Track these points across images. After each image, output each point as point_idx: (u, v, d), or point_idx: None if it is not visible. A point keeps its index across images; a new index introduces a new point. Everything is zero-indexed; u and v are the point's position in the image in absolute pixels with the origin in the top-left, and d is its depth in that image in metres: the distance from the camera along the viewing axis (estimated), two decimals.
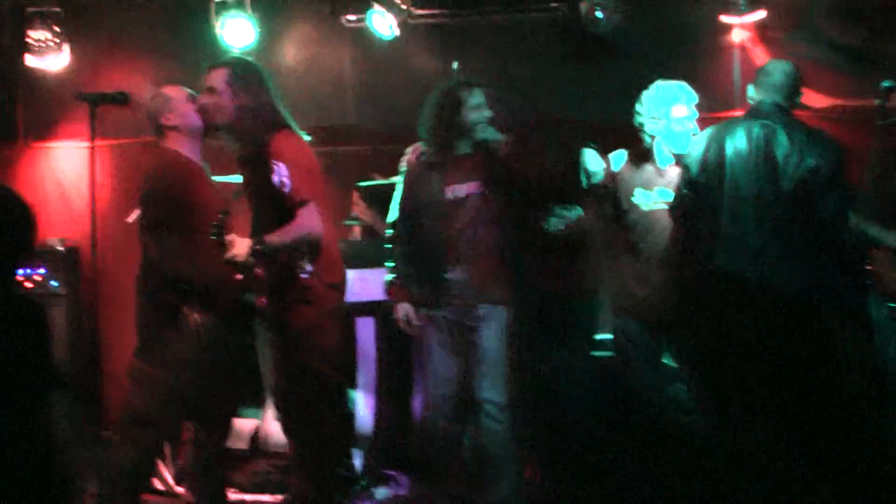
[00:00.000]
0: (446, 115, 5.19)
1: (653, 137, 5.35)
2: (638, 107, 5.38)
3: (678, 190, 5.07)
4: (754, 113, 5.00)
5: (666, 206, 5.24)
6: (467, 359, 5.19)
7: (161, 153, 5.03)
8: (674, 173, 5.26)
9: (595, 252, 5.45)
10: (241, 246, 4.62)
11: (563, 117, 6.24)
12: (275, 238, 4.72)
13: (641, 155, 5.42)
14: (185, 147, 5.03)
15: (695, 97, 5.34)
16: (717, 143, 4.91)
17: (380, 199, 5.82)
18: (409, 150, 5.51)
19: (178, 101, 5.03)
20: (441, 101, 5.22)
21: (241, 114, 4.83)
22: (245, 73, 4.91)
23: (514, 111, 5.34)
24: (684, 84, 5.36)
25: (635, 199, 5.36)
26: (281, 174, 4.75)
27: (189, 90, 5.08)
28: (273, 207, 4.80)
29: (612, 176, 5.42)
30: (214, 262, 4.74)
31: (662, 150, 5.35)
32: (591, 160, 5.40)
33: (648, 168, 5.39)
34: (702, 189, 4.91)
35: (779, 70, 5.08)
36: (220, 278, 4.92)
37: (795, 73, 5.07)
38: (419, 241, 5.27)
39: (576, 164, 5.34)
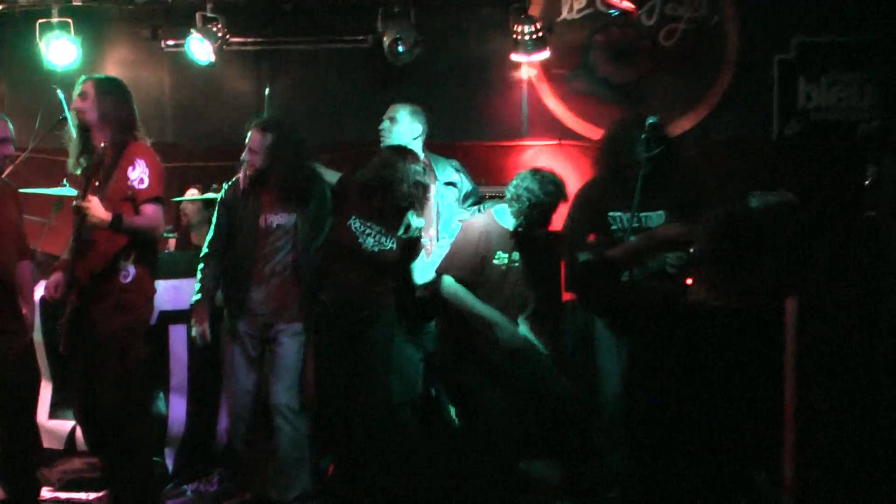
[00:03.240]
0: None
1: None
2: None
3: None
4: None
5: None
6: (266, 368, 5.55)
7: None
8: None
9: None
10: (98, 208, 5.01)
11: (366, 139, 6.53)
12: (130, 220, 5.13)
13: None
14: None
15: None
16: None
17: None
18: (240, 174, 5.72)
19: None
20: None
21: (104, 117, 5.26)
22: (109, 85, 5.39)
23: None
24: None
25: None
26: (141, 171, 5.17)
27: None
28: (125, 207, 5.18)
29: None
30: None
31: None
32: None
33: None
34: None
35: None
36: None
37: None
38: (230, 260, 5.59)
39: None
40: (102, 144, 5.24)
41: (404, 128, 6.09)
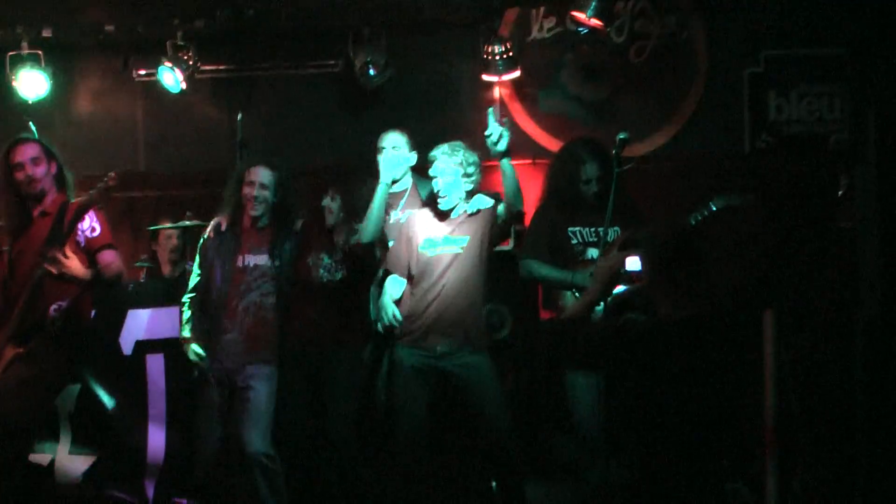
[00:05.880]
0: (234, 190, 5.68)
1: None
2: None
3: None
4: None
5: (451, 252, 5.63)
6: (239, 416, 5.54)
7: None
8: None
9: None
10: (78, 264, 5.26)
11: (339, 163, 6.56)
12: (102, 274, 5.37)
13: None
14: None
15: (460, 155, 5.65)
16: None
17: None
18: (216, 220, 5.78)
19: None
20: (234, 177, 5.70)
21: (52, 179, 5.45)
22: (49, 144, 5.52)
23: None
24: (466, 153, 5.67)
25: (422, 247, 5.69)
26: (91, 221, 5.35)
27: None
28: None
29: None
30: None
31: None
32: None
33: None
34: None
35: None
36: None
37: None
38: (207, 303, 5.65)
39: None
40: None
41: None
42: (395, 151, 6.08)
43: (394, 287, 5.77)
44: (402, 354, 5.65)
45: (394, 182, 6.04)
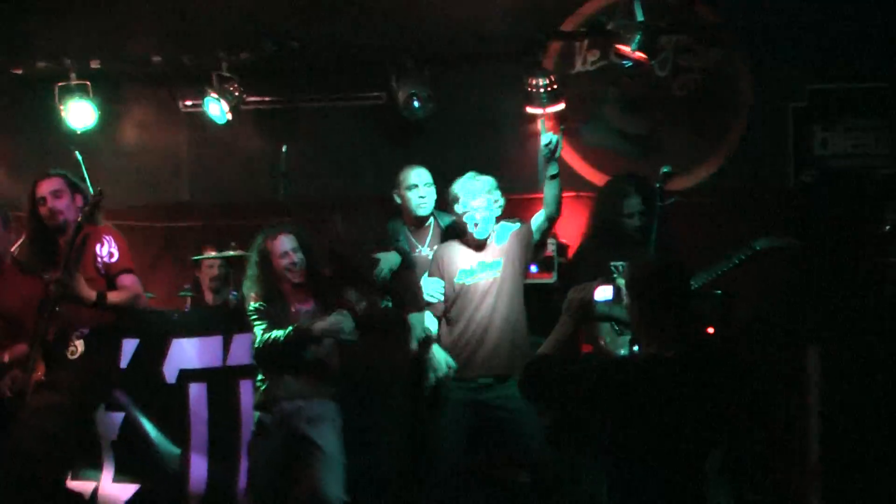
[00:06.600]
0: (264, 270, 5.67)
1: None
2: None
3: None
4: None
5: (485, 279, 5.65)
6: (306, 465, 5.48)
7: None
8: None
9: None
10: (84, 286, 5.42)
11: (382, 195, 6.56)
12: (113, 297, 5.55)
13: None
14: None
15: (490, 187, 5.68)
16: None
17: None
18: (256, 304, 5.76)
19: None
20: (259, 256, 5.70)
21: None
22: (74, 176, 5.76)
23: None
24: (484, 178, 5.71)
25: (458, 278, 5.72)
26: (110, 247, 5.59)
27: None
28: (97, 283, 5.55)
29: None
30: None
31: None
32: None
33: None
34: None
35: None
36: None
37: None
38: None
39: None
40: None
41: None
42: (427, 188, 6.13)
43: (431, 324, 5.78)
44: (447, 387, 5.64)
45: (423, 219, 6.14)
